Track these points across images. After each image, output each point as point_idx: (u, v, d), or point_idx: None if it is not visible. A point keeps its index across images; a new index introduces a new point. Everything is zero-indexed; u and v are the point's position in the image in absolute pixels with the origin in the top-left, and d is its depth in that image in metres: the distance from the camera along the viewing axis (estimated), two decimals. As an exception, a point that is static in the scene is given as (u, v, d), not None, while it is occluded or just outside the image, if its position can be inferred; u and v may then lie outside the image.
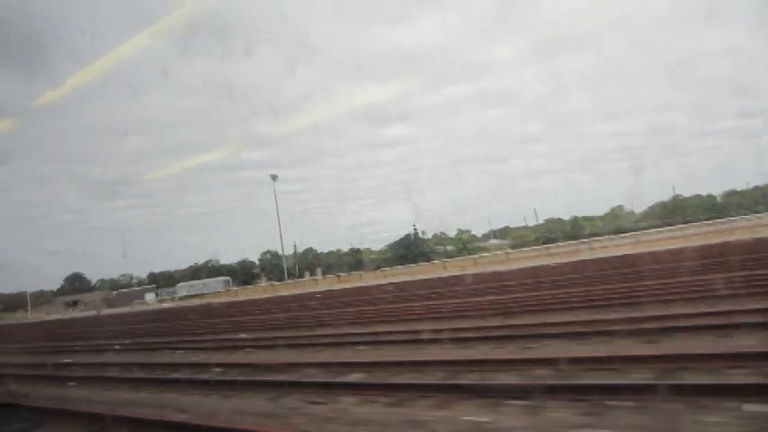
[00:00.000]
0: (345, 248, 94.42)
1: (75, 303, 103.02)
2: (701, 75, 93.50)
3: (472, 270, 37.96)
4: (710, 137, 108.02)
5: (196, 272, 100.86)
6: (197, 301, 49.41)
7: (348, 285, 45.22)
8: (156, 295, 74.50)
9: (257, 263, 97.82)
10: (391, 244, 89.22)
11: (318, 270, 72.82)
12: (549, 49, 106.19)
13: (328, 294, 32.72)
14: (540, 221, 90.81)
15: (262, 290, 56.85)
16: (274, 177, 66.26)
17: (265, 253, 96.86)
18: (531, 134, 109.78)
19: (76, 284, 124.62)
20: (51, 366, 14.40)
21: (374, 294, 26.86)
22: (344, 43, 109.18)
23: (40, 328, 37.52)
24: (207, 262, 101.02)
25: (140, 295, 74.54)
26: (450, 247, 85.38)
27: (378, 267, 79.27)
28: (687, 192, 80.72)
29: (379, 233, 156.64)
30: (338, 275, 63.56)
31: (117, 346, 17.61)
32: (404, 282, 35.53)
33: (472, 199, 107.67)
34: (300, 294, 37.96)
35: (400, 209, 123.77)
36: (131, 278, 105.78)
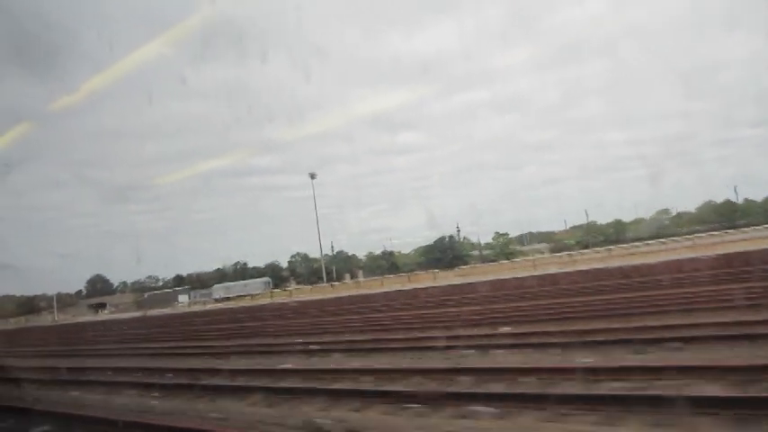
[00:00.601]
0: (376, 251, 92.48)
1: (101, 306, 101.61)
2: (720, 82, 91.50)
3: (532, 272, 35.90)
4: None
5: (224, 274, 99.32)
6: (248, 303, 47.54)
7: (401, 287, 43.46)
8: (190, 297, 72.80)
9: (287, 265, 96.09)
10: (425, 247, 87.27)
11: (360, 272, 70.88)
12: (564, 55, 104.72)
13: (398, 295, 30.93)
14: (568, 227, 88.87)
15: (320, 290, 54.98)
16: (313, 176, 64.49)
17: (295, 255, 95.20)
18: (545, 140, 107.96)
19: (98, 287, 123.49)
20: (227, 374, 12.04)
21: (457, 295, 25.34)
22: (357, 49, 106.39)
23: (94, 329, 35.91)
24: (235, 264, 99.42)
25: (173, 297, 72.84)
26: (486, 251, 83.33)
27: (411, 271, 77.43)
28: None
29: (404, 237, 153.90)
30: (383, 278, 61.68)
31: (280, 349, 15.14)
32: (466, 284, 33.94)
33: (492, 204, 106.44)
34: (368, 294, 36.06)
35: (413, 214, 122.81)
36: (157, 280, 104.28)
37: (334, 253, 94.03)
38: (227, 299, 64.68)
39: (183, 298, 71.05)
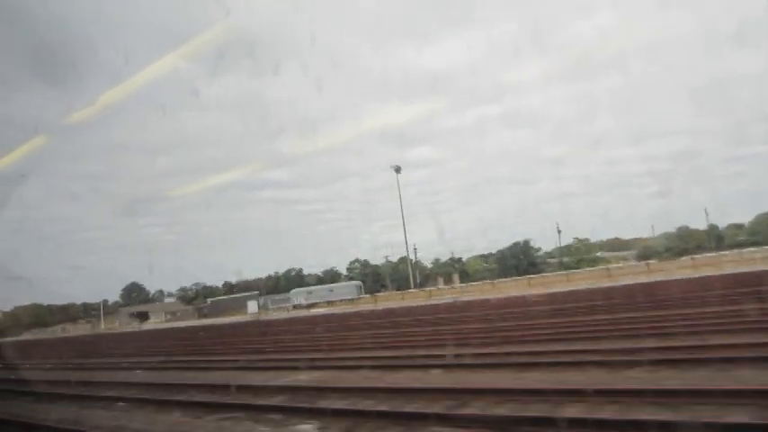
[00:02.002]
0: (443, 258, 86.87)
1: (142, 315, 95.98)
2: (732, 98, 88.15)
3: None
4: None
5: (277, 281, 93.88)
6: (343, 308, 41.74)
7: (503, 294, 38.17)
8: (261, 304, 66.96)
9: (345, 272, 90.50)
10: (498, 254, 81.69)
11: (455, 277, 65.21)
12: (577, 71, 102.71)
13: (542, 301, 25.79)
14: (656, 233, 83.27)
15: (413, 296, 49.46)
16: (398, 170, 59.16)
17: (354, 262, 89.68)
18: (558, 155, 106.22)
19: (134, 295, 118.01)
20: None
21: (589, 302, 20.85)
22: (369, 64, 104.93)
23: (179, 339, 30.27)
24: (289, 271, 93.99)
25: (239, 304, 67.04)
26: (565, 258, 77.50)
27: (483, 278, 72.00)
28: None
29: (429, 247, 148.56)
30: (484, 283, 56.02)
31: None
32: (572, 291, 29.21)
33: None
34: (505, 300, 30.30)
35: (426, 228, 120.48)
36: (205, 286, 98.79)
37: (398, 259, 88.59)
38: (309, 305, 58.99)
39: (252, 305, 65.20)
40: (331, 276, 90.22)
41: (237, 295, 74.23)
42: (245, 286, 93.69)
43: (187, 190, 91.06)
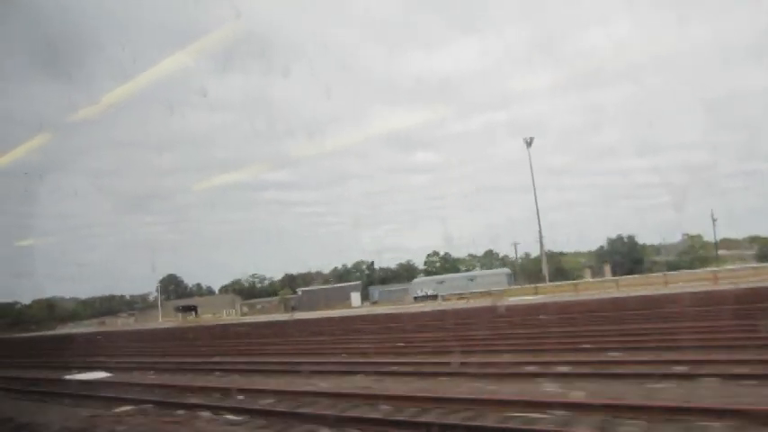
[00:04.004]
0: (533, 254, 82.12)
1: (190, 309, 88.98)
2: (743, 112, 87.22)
3: None
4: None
5: (343, 274, 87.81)
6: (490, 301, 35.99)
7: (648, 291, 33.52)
8: (370, 295, 60.99)
9: (423, 266, 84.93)
10: (598, 249, 77.08)
11: (607, 268, 60.10)
12: (585, 81, 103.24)
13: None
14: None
15: (559, 289, 44.49)
16: (529, 142, 54.03)
17: (432, 255, 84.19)
18: (564, 164, 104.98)
19: (171, 288, 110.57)
20: None
21: None
22: (376, 67, 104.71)
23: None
24: (359, 263, 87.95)
25: (338, 295, 60.87)
26: (671, 257, 73.23)
27: (579, 277, 67.55)
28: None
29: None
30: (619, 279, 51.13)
31: None
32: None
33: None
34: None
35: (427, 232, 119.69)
36: (263, 279, 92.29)
37: (483, 253, 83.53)
38: (432, 296, 53.30)
39: (355, 296, 59.20)
40: (406, 270, 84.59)
41: (335, 285, 67.95)
42: (309, 278, 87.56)
43: (215, 182, 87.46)
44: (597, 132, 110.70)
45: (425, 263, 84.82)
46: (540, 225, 54.21)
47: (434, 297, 52.43)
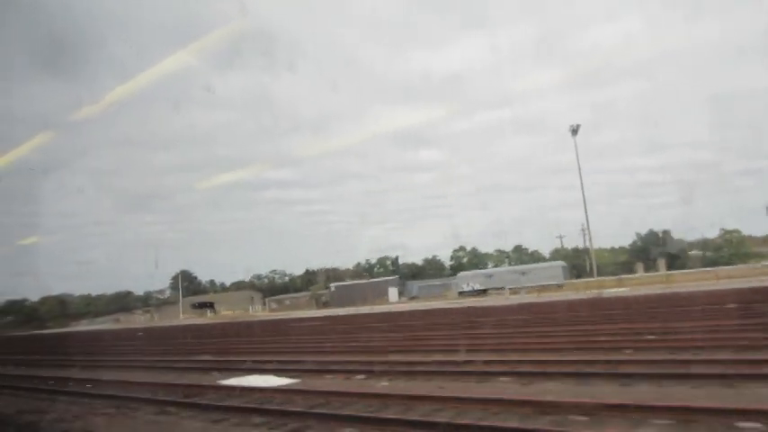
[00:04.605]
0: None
1: (206, 306, 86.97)
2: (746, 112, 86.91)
3: None
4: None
5: (366, 269, 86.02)
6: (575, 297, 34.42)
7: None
8: (407, 290, 59.19)
9: (450, 260, 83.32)
10: (632, 245, 75.77)
11: (662, 263, 58.55)
12: (591, 79, 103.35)
13: None
14: None
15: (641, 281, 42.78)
16: (575, 130, 52.18)
17: (458, 249, 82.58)
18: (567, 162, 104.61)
19: (184, 284, 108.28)
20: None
21: None
22: (379, 66, 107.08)
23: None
24: (383, 258, 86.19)
25: (374, 290, 59.02)
26: (708, 253, 71.97)
27: (612, 273, 66.15)
28: None
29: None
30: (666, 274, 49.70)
31: None
32: None
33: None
34: None
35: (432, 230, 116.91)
36: (284, 275, 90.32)
37: (512, 248, 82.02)
38: (480, 291, 51.53)
39: (393, 291, 57.38)
40: (433, 266, 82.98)
41: (371, 280, 66.01)
42: (334, 274, 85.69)
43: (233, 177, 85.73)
44: (608, 129, 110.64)
45: (451, 258, 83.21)
46: (587, 218, 52.57)
47: (482, 292, 50.72)
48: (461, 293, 51.99)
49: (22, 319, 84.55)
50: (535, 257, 77.00)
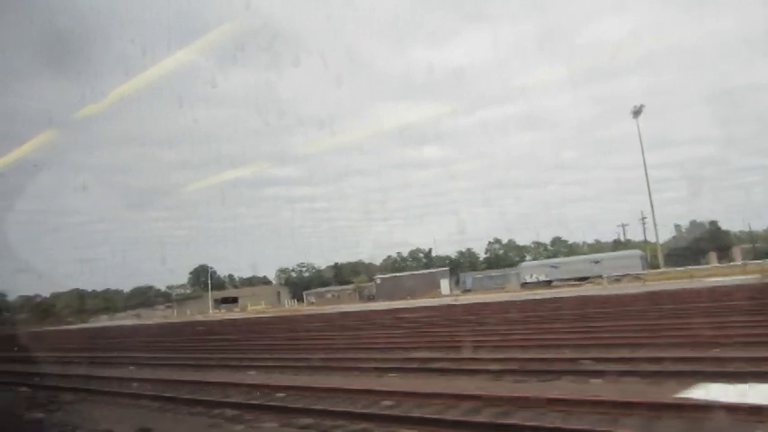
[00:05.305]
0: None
1: (228, 301, 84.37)
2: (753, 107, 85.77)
3: None
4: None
5: (396, 261, 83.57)
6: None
7: None
8: (458, 282, 56.67)
9: (485, 253, 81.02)
10: (678, 236, 73.73)
11: (712, 255, 56.41)
12: (591, 74, 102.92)
13: None
14: None
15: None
16: (637, 111, 50.07)
17: (493, 243, 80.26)
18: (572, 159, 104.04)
19: (202, 279, 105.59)
20: None
21: None
22: (380, 63, 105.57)
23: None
24: (415, 251, 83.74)
25: (423, 282, 56.47)
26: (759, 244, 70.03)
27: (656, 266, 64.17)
28: None
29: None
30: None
31: None
32: None
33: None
34: None
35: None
36: (312, 268, 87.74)
37: (551, 241, 79.85)
38: (547, 283, 49.02)
39: (445, 284, 54.90)
40: (467, 257, 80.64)
41: (420, 272, 63.43)
42: (360, 269, 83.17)
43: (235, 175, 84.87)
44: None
45: (486, 251, 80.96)
46: (652, 209, 50.27)
47: (548, 283, 48.36)
48: (525, 285, 49.61)
49: (40, 316, 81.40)
50: (574, 250, 74.79)
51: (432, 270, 62.20)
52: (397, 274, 62.41)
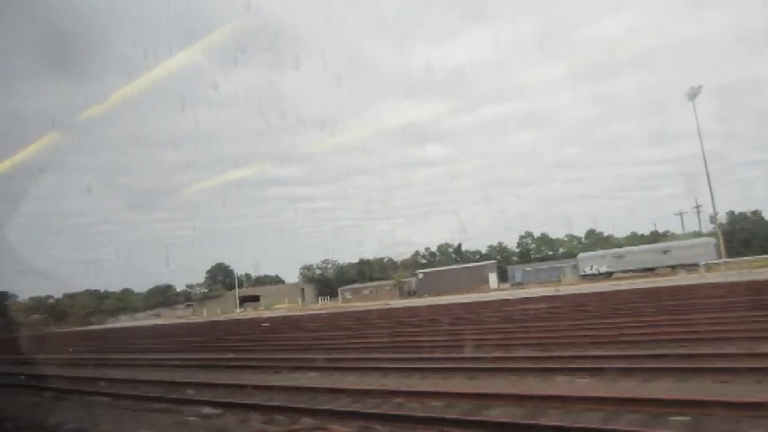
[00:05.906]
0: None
1: (250, 300, 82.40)
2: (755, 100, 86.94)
3: None
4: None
5: (425, 256, 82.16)
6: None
7: None
8: (506, 276, 55.33)
9: (517, 247, 79.96)
10: (716, 230, 72.84)
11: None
12: (592, 72, 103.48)
13: None
14: None
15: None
16: (694, 93, 48.79)
17: (525, 236, 79.13)
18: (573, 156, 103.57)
19: (219, 278, 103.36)
20: None
21: None
22: (381, 62, 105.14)
23: None
24: (443, 246, 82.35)
25: (471, 277, 55.01)
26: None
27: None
28: None
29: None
30: None
31: None
32: None
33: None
34: None
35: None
36: (336, 264, 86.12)
37: (585, 233, 78.92)
38: (608, 274, 47.75)
39: (493, 277, 53.62)
40: (500, 252, 79.37)
41: (465, 266, 61.89)
42: (390, 263, 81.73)
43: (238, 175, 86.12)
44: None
45: (518, 244, 79.85)
46: (712, 198, 49.24)
47: (608, 275, 47.16)
48: (584, 277, 48.35)
49: (58, 317, 78.77)
50: (611, 242, 73.90)
51: (479, 264, 60.74)
52: (441, 269, 60.65)
